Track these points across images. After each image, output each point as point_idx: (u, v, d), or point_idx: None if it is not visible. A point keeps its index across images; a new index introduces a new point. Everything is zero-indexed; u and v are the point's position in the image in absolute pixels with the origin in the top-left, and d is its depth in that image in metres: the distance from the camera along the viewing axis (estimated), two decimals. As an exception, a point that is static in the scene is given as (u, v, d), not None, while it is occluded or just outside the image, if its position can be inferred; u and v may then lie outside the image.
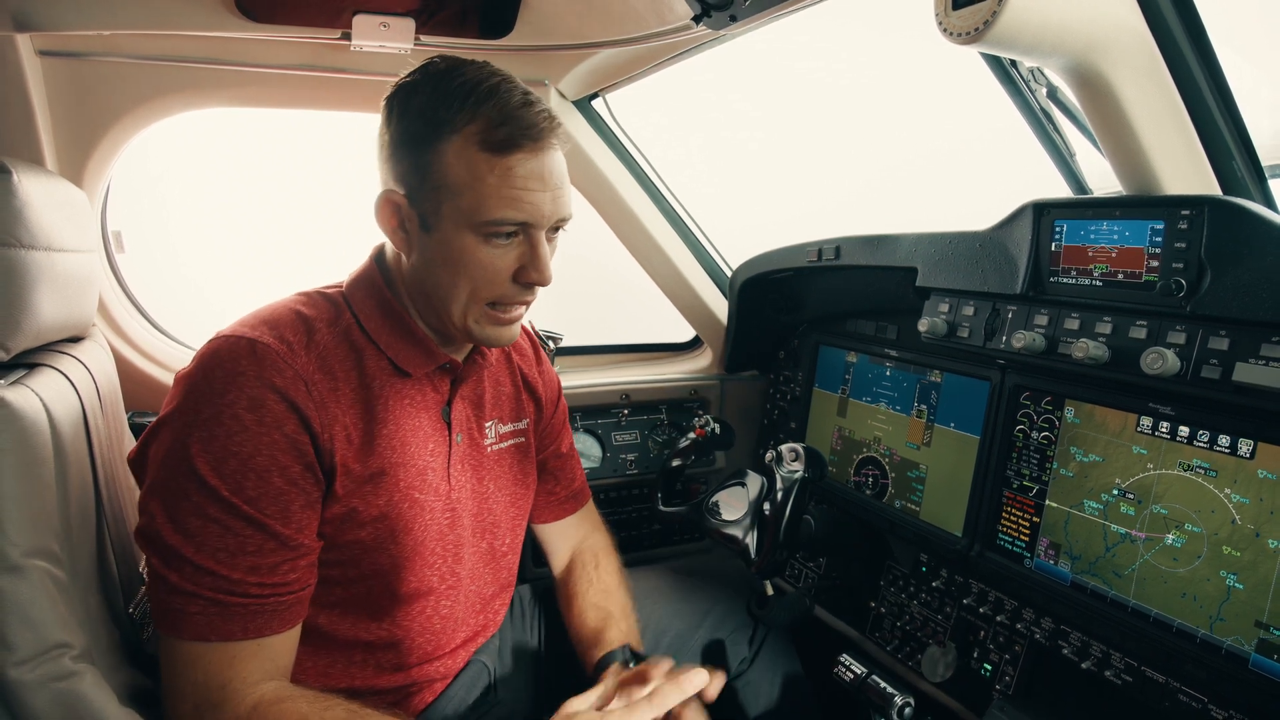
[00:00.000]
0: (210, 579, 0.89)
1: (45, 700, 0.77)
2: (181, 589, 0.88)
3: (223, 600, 0.89)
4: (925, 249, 1.45)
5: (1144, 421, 1.13)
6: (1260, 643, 0.98)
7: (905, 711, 1.22)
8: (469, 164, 0.93)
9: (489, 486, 1.18)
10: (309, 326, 1.00)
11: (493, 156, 0.93)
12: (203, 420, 0.89)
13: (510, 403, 1.26)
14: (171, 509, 0.89)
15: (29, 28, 1.25)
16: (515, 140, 0.93)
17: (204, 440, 0.89)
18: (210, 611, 0.89)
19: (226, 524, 0.89)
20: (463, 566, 1.14)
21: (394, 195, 0.98)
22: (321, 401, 0.95)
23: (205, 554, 0.89)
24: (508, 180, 0.93)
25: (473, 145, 0.93)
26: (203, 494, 0.89)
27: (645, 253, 2.02)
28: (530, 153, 0.94)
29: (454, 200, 0.94)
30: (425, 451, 1.07)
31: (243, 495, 0.90)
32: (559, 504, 1.39)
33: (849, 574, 1.70)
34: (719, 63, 1.66)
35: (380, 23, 1.36)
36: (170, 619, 0.89)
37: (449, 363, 1.09)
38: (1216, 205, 1.01)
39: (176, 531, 0.88)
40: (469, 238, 0.95)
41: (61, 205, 1.02)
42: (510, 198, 0.94)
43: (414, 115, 0.95)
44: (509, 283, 1.00)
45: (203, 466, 0.88)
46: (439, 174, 0.94)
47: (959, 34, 0.89)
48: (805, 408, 1.87)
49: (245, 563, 0.90)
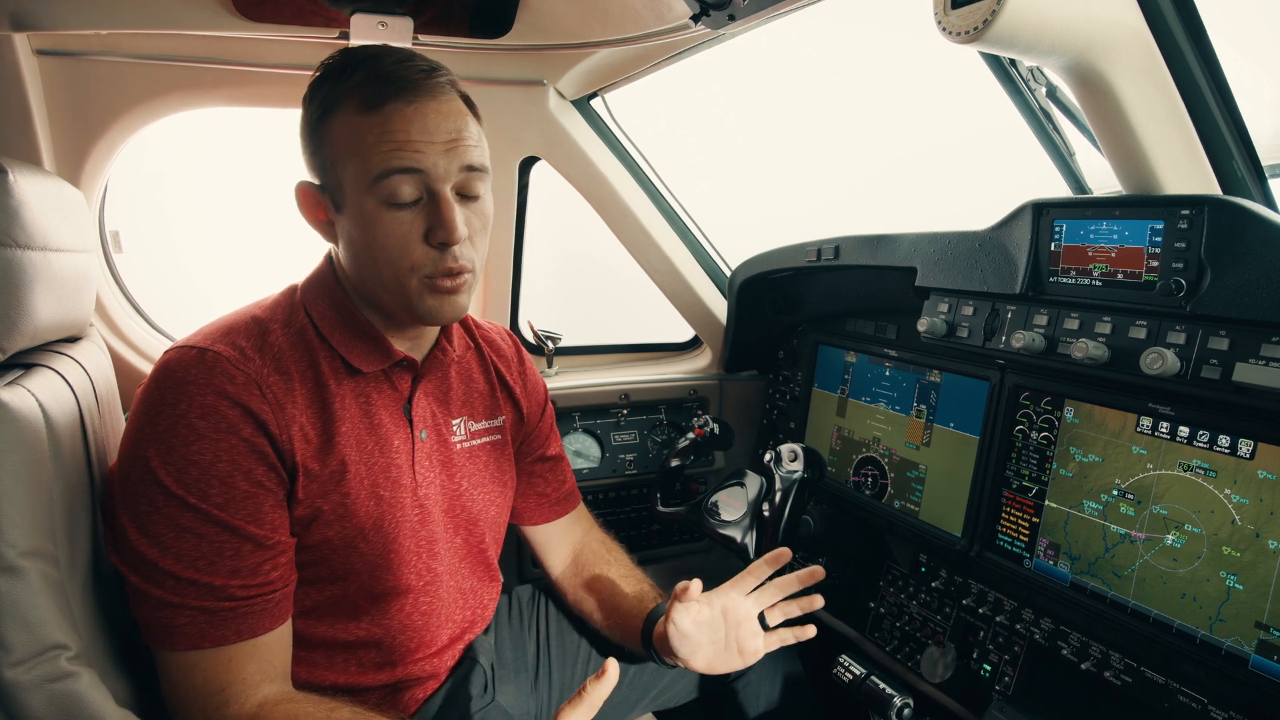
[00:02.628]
0: (194, 589, 0.89)
1: (42, 701, 0.77)
2: (167, 602, 0.89)
3: (210, 607, 0.90)
4: (924, 249, 1.45)
5: (1144, 422, 1.13)
6: (1260, 644, 0.97)
7: (904, 712, 1.22)
8: (351, 129, 0.93)
9: (461, 483, 1.17)
10: (262, 329, 1.01)
11: (369, 115, 0.92)
12: (159, 433, 0.90)
13: (484, 401, 1.25)
14: (143, 524, 0.89)
15: (26, 27, 1.25)
16: (386, 94, 0.92)
17: (163, 452, 0.89)
18: (200, 620, 0.90)
19: (200, 532, 0.90)
20: (439, 563, 1.13)
21: (307, 185, 1.01)
22: (277, 402, 0.96)
23: (184, 564, 0.89)
24: (385, 134, 0.92)
25: (351, 110, 0.93)
26: (171, 505, 0.89)
27: (644, 252, 2.01)
28: (406, 102, 0.93)
29: (348, 169, 0.94)
30: (389, 448, 1.06)
31: (210, 502, 0.90)
32: (550, 506, 1.39)
33: (848, 574, 1.70)
34: (718, 62, 1.66)
35: (378, 22, 1.36)
36: (160, 633, 0.90)
37: (406, 360, 1.09)
38: (1216, 205, 1.00)
39: (152, 545, 0.89)
40: (369, 204, 0.94)
41: (59, 205, 1.02)
42: (391, 148, 0.92)
43: (308, 102, 0.98)
44: (422, 247, 0.96)
45: (166, 478, 0.89)
46: (331, 149, 0.95)
47: (958, 33, 0.88)
48: (804, 408, 1.87)
49: (225, 567, 0.91)
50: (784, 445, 1.38)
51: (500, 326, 1.39)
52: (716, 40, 1.43)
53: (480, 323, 1.33)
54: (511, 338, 1.37)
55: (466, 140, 0.97)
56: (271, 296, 1.08)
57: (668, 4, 1.25)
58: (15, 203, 0.89)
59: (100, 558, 1.01)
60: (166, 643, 0.90)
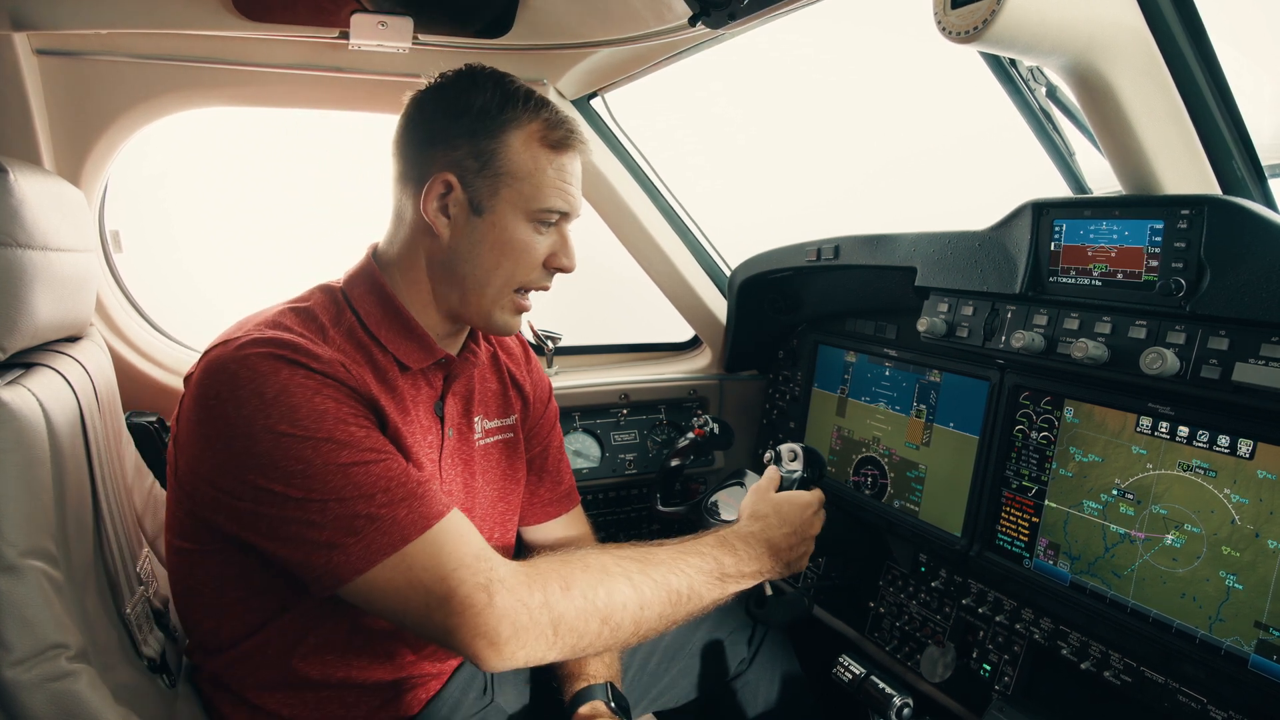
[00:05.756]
0: (388, 494, 0.90)
1: (41, 701, 0.77)
2: (376, 514, 0.88)
3: (413, 491, 0.91)
4: (924, 249, 1.45)
5: (1143, 421, 1.13)
6: (1260, 643, 0.97)
7: (904, 712, 1.22)
8: (534, 156, 1.05)
9: (478, 481, 1.20)
10: (318, 325, 1.03)
11: (552, 152, 1.06)
12: (270, 400, 0.88)
13: (496, 399, 1.28)
14: (308, 485, 0.88)
15: (26, 26, 1.25)
16: (568, 141, 1.07)
17: (288, 414, 0.88)
18: (414, 504, 0.90)
19: (364, 460, 0.90)
20: None
21: (448, 178, 1.04)
22: (361, 379, 0.98)
23: (366, 488, 0.89)
24: (561, 175, 1.07)
25: (536, 139, 1.05)
26: (323, 452, 0.88)
27: (644, 252, 2.01)
28: (575, 154, 1.10)
29: (515, 186, 1.05)
30: (423, 444, 1.09)
31: (354, 437, 0.91)
32: (544, 506, 1.39)
33: (848, 574, 1.70)
34: (718, 62, 1.66)
35: (378, 21, 1.35)
36: (385, 540, 0.88)
37: (445, 358, 1.12)
38: (1216, 205, 1.00)
39: (329, 493, 0.88)
40: (521, 221, 1.06)
41: (59, 204, 1.02)
42: (561, 190, 1.07)
43: (477, 112, 1.04)
44: (540, 268, 1.10)
45: (303, 433, 0.88)
46: (503, 161, 1.04)
47: (957, 33, 0.88)
48: (804, 407, 1.87)
49: (397, 475, 0.92)
50: (784, 445, 1.38)
51: None
52: (716, 40, 1.43)
53: None
54: (517, 335, 1.39)
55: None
56: (307, 294, 1.09)
57: (668, 4, 1.25)
58: (15, 202, 0.89)
59: (100, 557, 1.01)
60: (404, 538, 0.88)
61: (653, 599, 0.98)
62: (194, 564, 1.03)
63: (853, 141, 3.72)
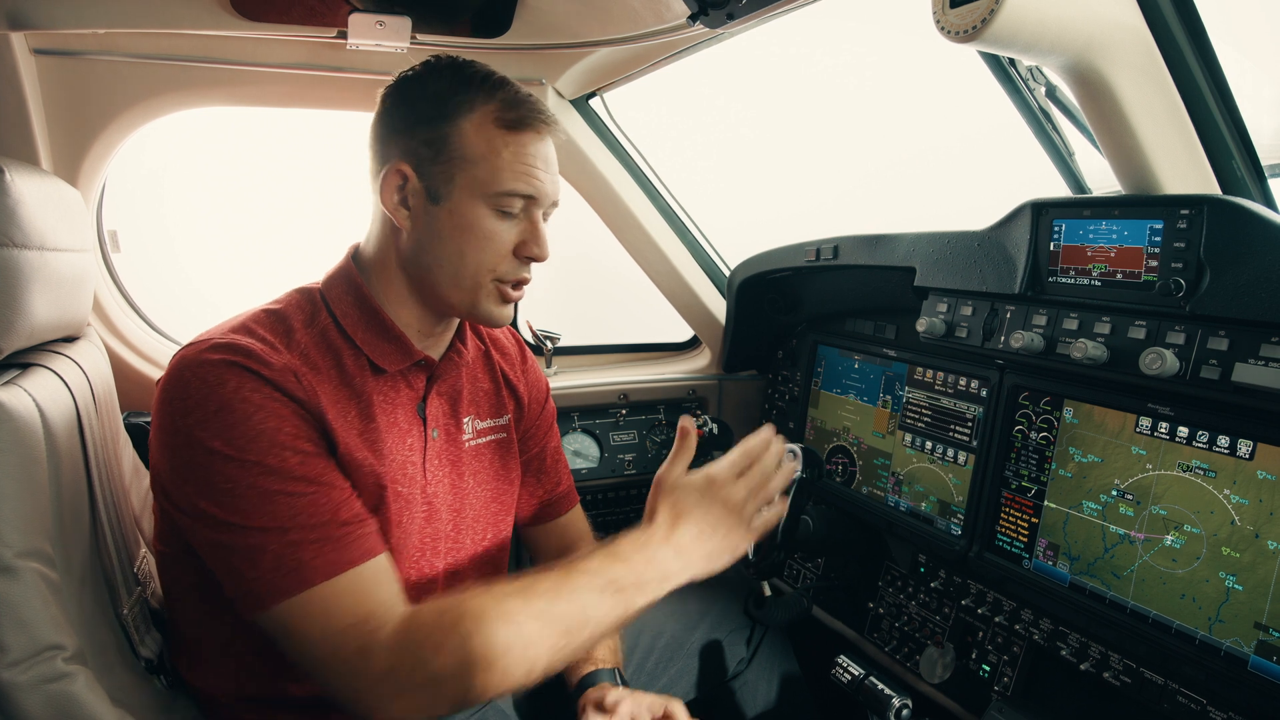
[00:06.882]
0: (301, 530, 0.88)
1: (37, 702, 0.77)
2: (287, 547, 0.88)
3: (328, 535, 0.90)
4: (923, 249, 1.44)
5: (1143, 422, 1.13)
6: (1259, 644, 0.97)
7: (903, 713, 1.21)
8: (487, 138, 1.01)
9: (468, 482, 1.19)
10: (286, 327, 1.01)
11: (508, 133, 1.01)
12: (212, 414, 0.89)
13: (489, 399, 1.26)
14: (229, 504, 0.88)
15: (23, 26, 1.25)
16: (527, 121, 1.02)
17: (224, 431, 0.88)
18: (325, 550, 0.89)
19: (289, 490, 0.89)
20: (440, 561, 1.14)
21: (402, 167, 1.02)
22: (313, 390, 0.97)
23: (284, 519, 0.88)
24: (520, 156, 1.02)
25: (490, 121, 1.01)
26: (249, 475, 0.88)
27: (643, 252, 2.01)
28: (538, 134, 1.04)
29: (470, 170, 1.01)
30: (403, 446, 1.08)
31: (287, 464, 0.90)
32: (543, 506, 1.38)
33: (847, 574, 1.70)
34: (717, 62, 1.66)
35: (376, 21, 1.35)
36: (290, 579, 0.87)
37: (424, 359, 1.10)
38: (1216, 205, 1.00)
39: (247, 517, 0.87)
40: (480, 207, 1.02)
41: (56, 204, 1.02)
42: (522, 172, 1.02)
43: (429, 98, 1.02)
44: (511, 257, 1.06)
45: (234, 453, 0.88)
46: (456, 146, 1.01)
47: (956, 32, 0.88)
48: (804, 407, 1.87)
49: (324, 510, 0.91)
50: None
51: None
52: (715, 40, 1.43)
53: None
54: (513, 334, 1.38)
55: (558, 179, 1.10)
56: (284, 296, 1.08)
57: (666, 3, 1.24)
58: (12, 202, 0.89)
59: (97, 558, 1.01)
60: (301, 583, 0.87)
61: (538, 635, 0.90)
62: (170, 567, 1.04)
63: (852, 141, 3.72)
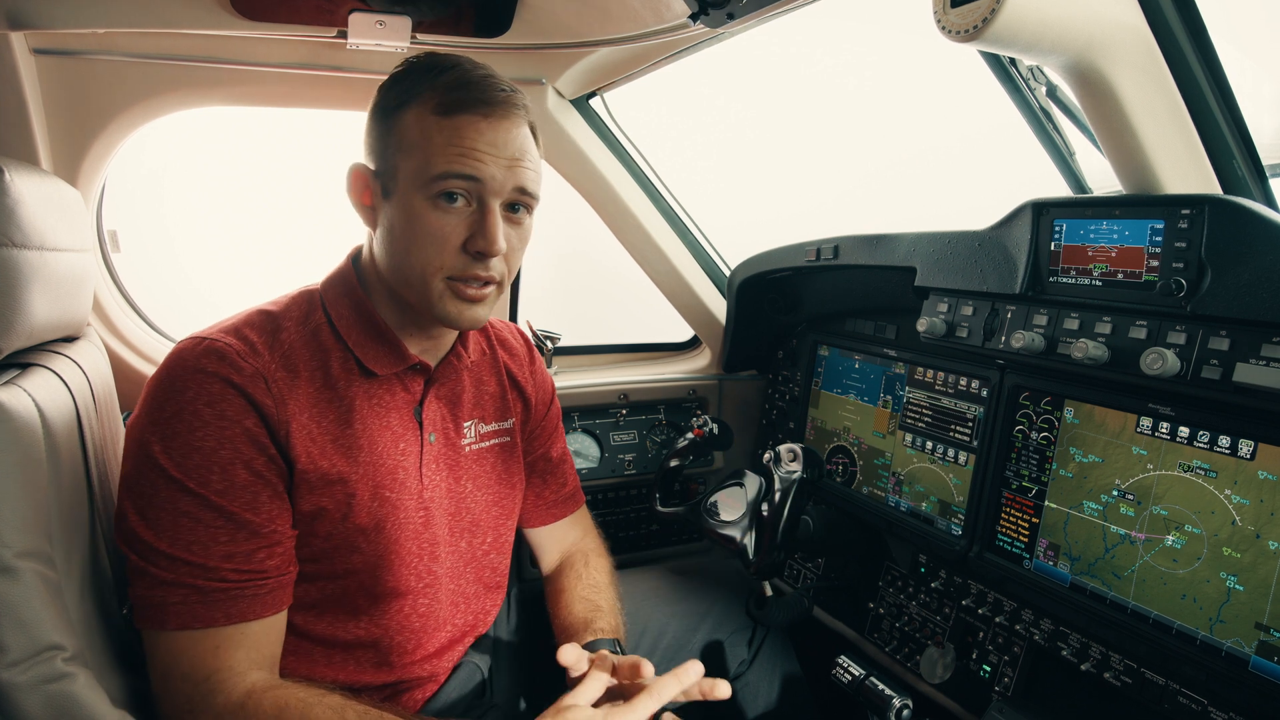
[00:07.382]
0: (187, 568, 0.91)
1: (37, 702, 0.77)
2: (161, 580, 0.90)
3: (202, 586, 0.91)
4: (924, 248, 1.44)
5: (1144, 422, 1.13)
6: (1260, 645, 0.97)
7: (904, 713, 1.21)
8: (422, 125, 0.97)
9: (467, 486, 1.18)
10: (275, 325, 1.02)
11: (442, 118, 0.96)
12: (164, 418, 0.92)
13: (494, 402, 1.25)
14: (143, 506, 0.91)
15: (23, 25, 1.25)
16: (464, 104, 0.96)
17: (166, 438, 0.91)
18: (191, 600, 0.90)
19: (197, 516, 0.91)
20: (440, 566, 1.13)
21: (361, 166, 1.03)
22: (281, 398, 0.97)
23: (180, 546, 0.90)
24: (454, 138, 0.96)
25: (427, 109, 0.97)
26: (171, 489, 0.91)
27: (643, 252, 2.01)
28: (481, 116, 0.97)
29: (407, 161, 0.98)
30: (395, 451, 1.07)
31: (210, 488, 0.91)
32: (548, 508, 1.38)
33: (847, 575, 1.70)
34: (718, 61, 1.66)
35: (376, 21, 1.35)
36: (152, 612, 0.90)
37: (419, 364, 1.09)
38: (1217, 204, 1.00)
39: (149, 527, 0.90)
40: (419, 200, 0.97)
41: (56, 204, 1.02)
42: (455, 154, 0.96)
43: (386, 94, 1.02)
44: (459, 252, 0.99)
45: (167, 463, 0.90)
46: (397, 138, 0.99)
47: (957, 31, 0.88)
48: (804, 407, 1.87)
49: (220, 551, 0.92)
50: (783, 445, 1.38)
51: (509, 323, 1.39)
52: (715, 39, 1.43)
53: (493, 320, 1.33)
54: (520, 334, 1.38)
55: (526, 164, 1.01)
56: (287, 295, 1.09)
57: (666, 3, 1.24)
58: (12, 202, 0.89)
59: (97, 558, 1.00)
60: (158, 622, 0.90)
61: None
62: None
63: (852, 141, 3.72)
